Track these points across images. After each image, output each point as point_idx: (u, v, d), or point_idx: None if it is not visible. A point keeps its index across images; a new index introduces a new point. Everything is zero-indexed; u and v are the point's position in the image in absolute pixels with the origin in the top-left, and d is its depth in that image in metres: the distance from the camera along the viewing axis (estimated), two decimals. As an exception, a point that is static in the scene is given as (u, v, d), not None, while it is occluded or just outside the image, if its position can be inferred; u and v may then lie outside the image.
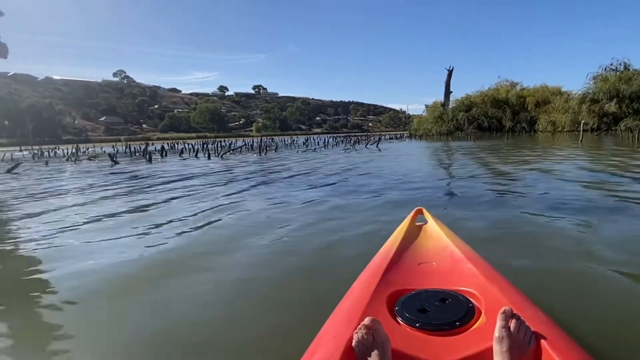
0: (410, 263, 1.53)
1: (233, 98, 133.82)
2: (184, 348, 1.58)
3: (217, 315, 1.85)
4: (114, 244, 3.17)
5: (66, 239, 3.38)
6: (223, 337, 1.64)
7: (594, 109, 30.49)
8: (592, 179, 6.16)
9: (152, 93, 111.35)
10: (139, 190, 6.55)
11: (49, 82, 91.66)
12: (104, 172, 11.01)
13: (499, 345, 0.94)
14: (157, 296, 2.11)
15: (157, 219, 4.00)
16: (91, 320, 1.89)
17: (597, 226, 3.16)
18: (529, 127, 35.41)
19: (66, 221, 4.09)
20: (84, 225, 3.90)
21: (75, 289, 2.24)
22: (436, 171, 8.56)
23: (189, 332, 1.69)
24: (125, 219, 4.15)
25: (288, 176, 8.06)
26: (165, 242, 3.16)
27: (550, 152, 12.73)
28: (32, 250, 3.12)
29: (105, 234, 3.48)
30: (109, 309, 2.03)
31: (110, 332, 1.77)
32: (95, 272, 2.51)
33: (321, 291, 2.04)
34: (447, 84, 42.64)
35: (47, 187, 7.78)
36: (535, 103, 36.56)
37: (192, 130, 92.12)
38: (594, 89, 31.62)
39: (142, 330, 1.75)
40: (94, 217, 4.27)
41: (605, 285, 2.05)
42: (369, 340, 0.96)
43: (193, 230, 3.52)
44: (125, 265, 2.61)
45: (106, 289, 2.26)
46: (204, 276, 2.38)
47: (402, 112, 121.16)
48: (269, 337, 1.63)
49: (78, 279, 2.40)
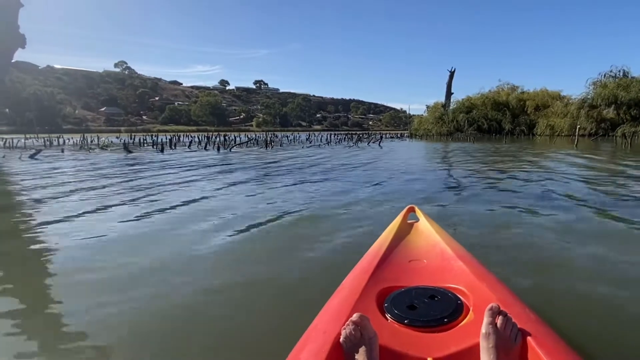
0: (401, 260, 1.54)
1: (234, 92, 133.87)
2: (174, 345, 1.60)
3: (207, 312, 1.87)
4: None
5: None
6: (210, 334, 1.65)
7: (592, 115, 31.00)
8: (578, 177, 6.68)
9: (153, 85, 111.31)
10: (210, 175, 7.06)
11: (50, 71, 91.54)
12: (135, 160, 11.51)
13: (486, 341, 0.96)
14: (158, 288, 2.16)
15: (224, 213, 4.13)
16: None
17: (588, 225, 3.41)
18: (528, 131, 35.94)
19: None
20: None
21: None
22: (447, 169, 9.11)
23: (178, 329, 1.71)
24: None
25: (323, 171, 8.57)
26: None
27: (545, 154, 13.26)
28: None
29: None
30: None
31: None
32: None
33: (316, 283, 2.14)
34: (449, 85, 43.05)
35: (110, 172, 8.28)
36: (535, 107, 37.02)
37: (192, 123, 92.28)
38: (592, 94, 32.13)
39: (140, 328, 1.74)
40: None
41: (592, 283, 2.14)
42: (357, 336, 0.97)
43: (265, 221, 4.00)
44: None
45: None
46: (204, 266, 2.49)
47: (403, 112, 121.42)
48: (257, 333, 1.66)
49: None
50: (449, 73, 43.46)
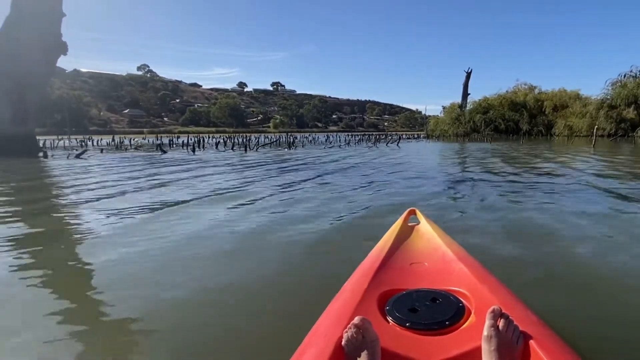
0: (402, 263, 1.54)
1: (252, 94, 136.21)
2: (174, 347, 1.60)
3: (206, 314, 1.88)
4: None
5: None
6: (210, 337, 1.67)
7: (611, 115, 30.90)
8: (593, 179, 6.84)
9: (173, 87, 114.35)
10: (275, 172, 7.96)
11: (77, 75, 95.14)
12: (176, 160, 12.58)
13: (488, 344, 0.96)
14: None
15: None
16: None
17: (599, 230, 3.36)
18: (546, 131, 35.92)
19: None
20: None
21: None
22: (468, 168, 9.78)
23: (178, 330, 1.72)
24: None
25: (374, 170, 9.08)
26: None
27: (562, 153, 13.63)
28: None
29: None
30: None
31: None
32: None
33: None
34: (465, 86, 43.26)
35: (176, 168, 9.32)
36: (553, 107, 36.93)
37: (211, 124, 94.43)
38: (612, 94, 32.01)
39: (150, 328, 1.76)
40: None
41: (595, 285, 2.16)
42: (359, 340, 0.97)
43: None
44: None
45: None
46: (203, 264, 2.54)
47: (418, 113, 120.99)
48: (258, 336, 1.67)
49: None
50: (466, 74, 43.71)
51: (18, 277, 2.38)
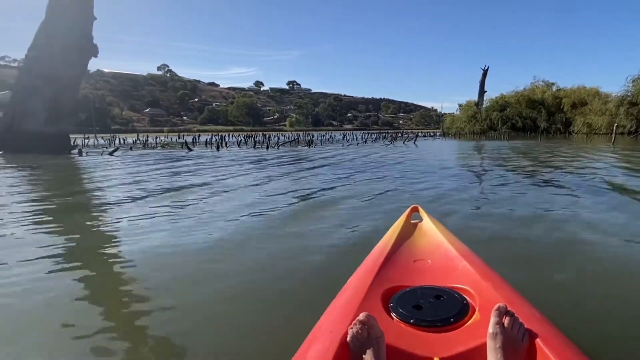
0: (406, 260, 1.55)
1: (268, 93, 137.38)
2: (179, 344, 1.63)
3: (211, 311, 1.91)
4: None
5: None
6: (215, 333, 1.69)
7: (632, 112, 30.29)
8: (608, 176, 6.89)
9: (192, 87, 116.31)
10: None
11: (100, 75, 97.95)
12: (204, 158, 13.23)
13: (493, 341, 0.96)
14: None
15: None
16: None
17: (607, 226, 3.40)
18: (564, 129, 35.46)
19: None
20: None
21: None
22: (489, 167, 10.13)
23: (184, 327, 1.74)
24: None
25: (404, 167, 9.51)
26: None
27: (580, 151, 13.68)
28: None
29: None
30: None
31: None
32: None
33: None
34: (482, 84, 42.90)
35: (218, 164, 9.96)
36: (571, 104, 36.30)
37: (229, 123, 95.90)
38: (633, 91, 31.41)
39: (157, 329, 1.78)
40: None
41: (600, 283, 2.17)
42: (364, 336, 0.97)
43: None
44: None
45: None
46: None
47: (434, 110, 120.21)
48: (262, 333, 1.68)
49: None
50: (482, 71, 43.36)
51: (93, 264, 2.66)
